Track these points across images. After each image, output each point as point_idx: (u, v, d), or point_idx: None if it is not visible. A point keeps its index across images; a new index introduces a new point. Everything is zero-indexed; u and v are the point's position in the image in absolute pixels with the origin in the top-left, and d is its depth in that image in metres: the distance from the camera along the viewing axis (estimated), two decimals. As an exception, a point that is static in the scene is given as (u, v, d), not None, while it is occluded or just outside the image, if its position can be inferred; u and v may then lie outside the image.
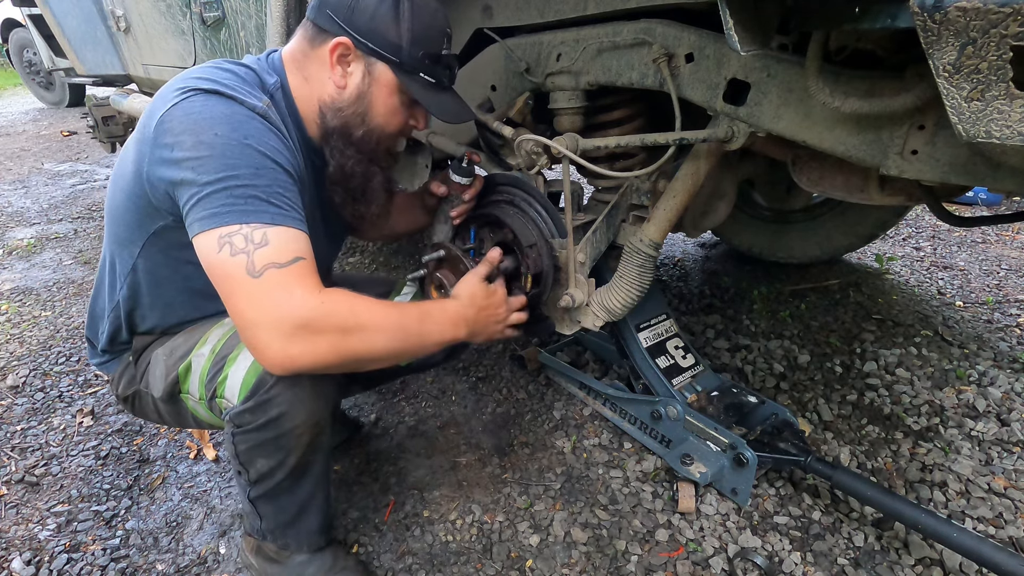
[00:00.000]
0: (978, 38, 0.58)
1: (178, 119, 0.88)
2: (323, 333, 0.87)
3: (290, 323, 0.85)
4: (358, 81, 1.01)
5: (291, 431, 0.98)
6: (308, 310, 0.86)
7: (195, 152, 0.86)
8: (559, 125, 1.33)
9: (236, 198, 0.85)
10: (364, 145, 1.05)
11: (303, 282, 0.87)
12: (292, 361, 0.87)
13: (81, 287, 2.67)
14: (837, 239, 2.26)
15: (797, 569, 1.20)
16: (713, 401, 1.44)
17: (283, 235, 0.87)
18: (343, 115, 1.03)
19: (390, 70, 1.00)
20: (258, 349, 0.87)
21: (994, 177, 0.82)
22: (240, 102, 0.91)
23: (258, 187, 0.87)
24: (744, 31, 0.79)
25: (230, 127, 0.88)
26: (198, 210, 0.86)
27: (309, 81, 1.03)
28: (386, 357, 0.97)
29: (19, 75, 7.79)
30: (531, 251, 1.26)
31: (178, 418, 1.15)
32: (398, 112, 1.06)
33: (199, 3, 1.96)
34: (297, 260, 0.88)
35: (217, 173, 0.85)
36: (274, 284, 0.85)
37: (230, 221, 0.85)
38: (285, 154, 0.93)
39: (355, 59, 1.00)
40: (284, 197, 0.90)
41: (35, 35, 5.49)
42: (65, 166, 4.87)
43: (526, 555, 1.26)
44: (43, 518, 1.42)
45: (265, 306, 0.85)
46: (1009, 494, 1.33)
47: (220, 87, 0.91)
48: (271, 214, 0.87)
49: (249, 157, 0.87)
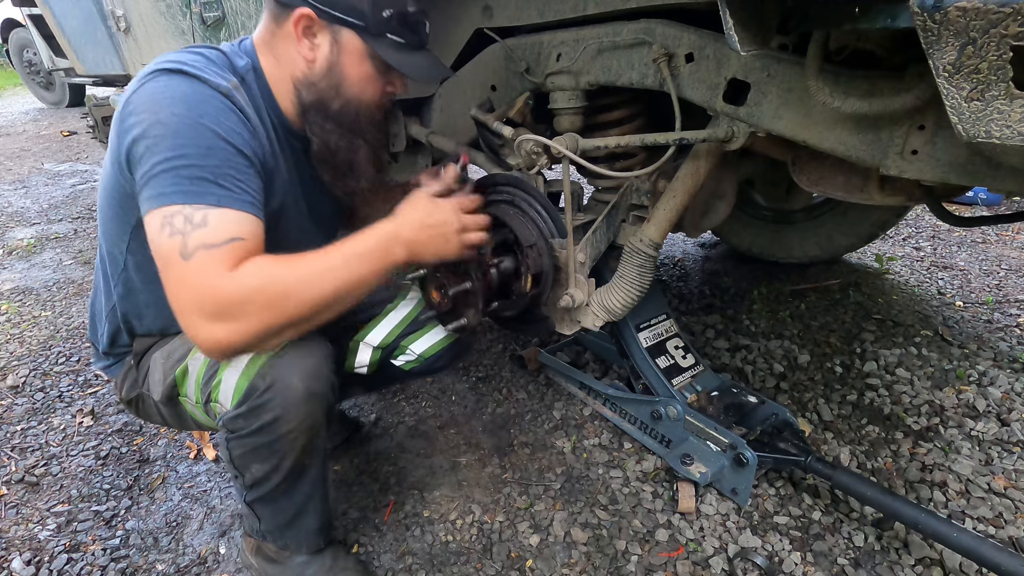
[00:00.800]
0: (978, 38, 0.58)
1: (140, 99, 0.88)
2: (246, 311, 0.85)
3: (211, 307, 0.84)
4: (327, 52, 0.99)
5: (285, 435, 0.97)
6: (226, 291, 0.84)
7: (151, 131, 0.85)
8: (559, 125, 1.33)
9: (183, 178, 0.84)
10: (343, 117, 1.03)
11: (227, 262, 0.84)
12: (222, 344, 0.86)
13: (81, 287, 2.67)
14: (837, 239, 2.26)
15: (797, 569, 1.20)
16: (713, 401, 1.44)
17: (224, 216, 0.86)
18: (317, 89, 1.01)
19: (357, 36, 0.98)
20: (191, 334, 0.86)
21: (994, 177, 0.82)
22: (203, 80, 0.90)
23: (207, 167, 0.86)
24: (744, 31, 0.79)
25: (186, 106, 0.87)
26: (147, 189, 0.85)
27: (280, 60, 1.01)
28: (325, 309, 0.92)
29: (19, 75, 7.79)
30: (531, 251, 1.26)
31: (179, 420, 1.15)
32: (373, 79, 1.03)
33: (199, 3, 1.96)
34: (232, 241, 0.85)
35: (168, 152, 0.84)
36: (200, 266, 0.84)
37: (174, 201, 0.84)
38: (243, 135, 0.92)
39: (320, 30, 0.97)
40: (234, 179, 0.88)
41: (35, 35, 5.50)
42: (65, 166, 4.87)
43: (526, 555, 1.26)
44: (43, 518, 1.42)
45: (189, 290, 0.84)
46: (1009, 494, 1.33)
47: (184, 67, 0.90)
48: (217, 196, 0.86)
49: (202, 137, 0.86)
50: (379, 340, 1.31)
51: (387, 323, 1.32)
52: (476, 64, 1.47)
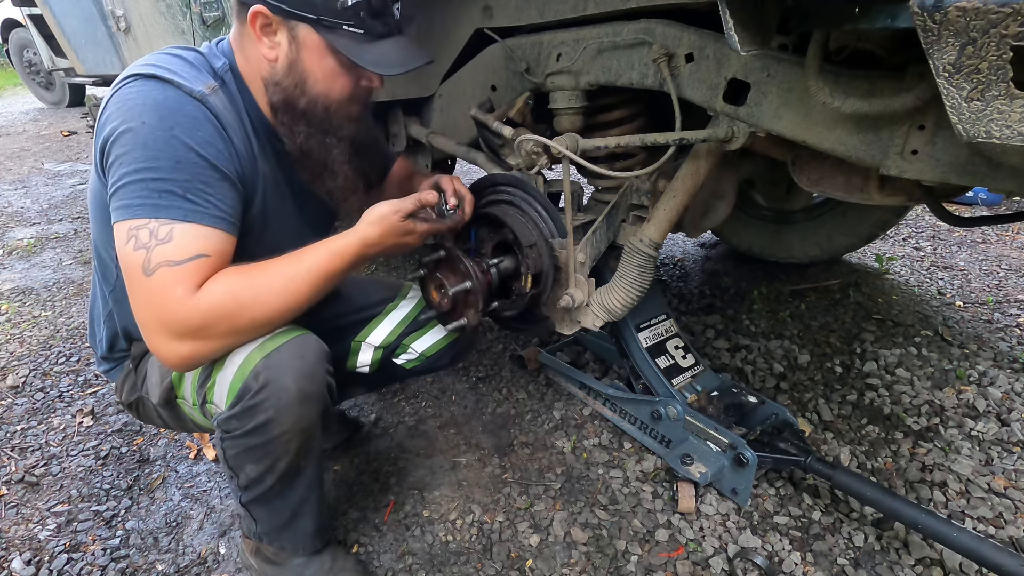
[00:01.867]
0: (978, 38, 0.58)
1: (113, 106, 0.88)
2: (210, 330, 0.86)
3: (173, 327, 0.85)
4: (286, 49, 0.95)
5: (278, 437, 0.96)
6: (187, 312, 0.84)
7: (121, 140, 0.85)
8: (559, 125, 1.33)
9: (151, 191, 0.84)
10: (312, 116, 1.00)
11: (187, 281, 0.84)
12: (186, 360, 0.87)
13: (81, 287, 2.67)
14: (837, 239, 2.26)
15: (797, 569, 1.20)
16: (713, 401, 1.44)
17: (189, 232, 0.85)
18: (282, 88, 0.97)
19: (313, 30, 0.93)
20: (153, 349, 0.87)
21: (994, 177, 0.82)
22: (177, 86, 0.88)
23: (176, 181, 0.85)
24: (744, 31, 0.79)
25: (158, 116, 0.85)
26: (115, 199, 0.86)
27: (250, 60, 0.98)
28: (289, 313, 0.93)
29: (19, 75, 7.79)
30: (531, 251, 1.26)
31: (179, 422, 1.15)
32: (338, 74, 0.98)
33: (199, 3, 1.96)
34: (197, 258, 0.85)
35: (137, 163, 0.84)
36: (161, 284, 0.83)
37: (140, 214, 0.84)
38: (217, 146, 0.90)
39: (278, 26, 0.93)
40: (204, 193, 0.87)
41: (35, 35, 5.50)
42: (65, 166, 4.87)
43: (526, 555, 1.26)
44: (43, 518, 1.42)
45: (151, 308, 0.84)
46: (1009, 494, 1.33)
47: (160, 71, 0.89)
48: (184, 210, 0.85)
49: (172, 149, 0.85)
50: (380, 340, 1.31)
51: (388, 323, 1.32)
52: (476, 64, 1.47)
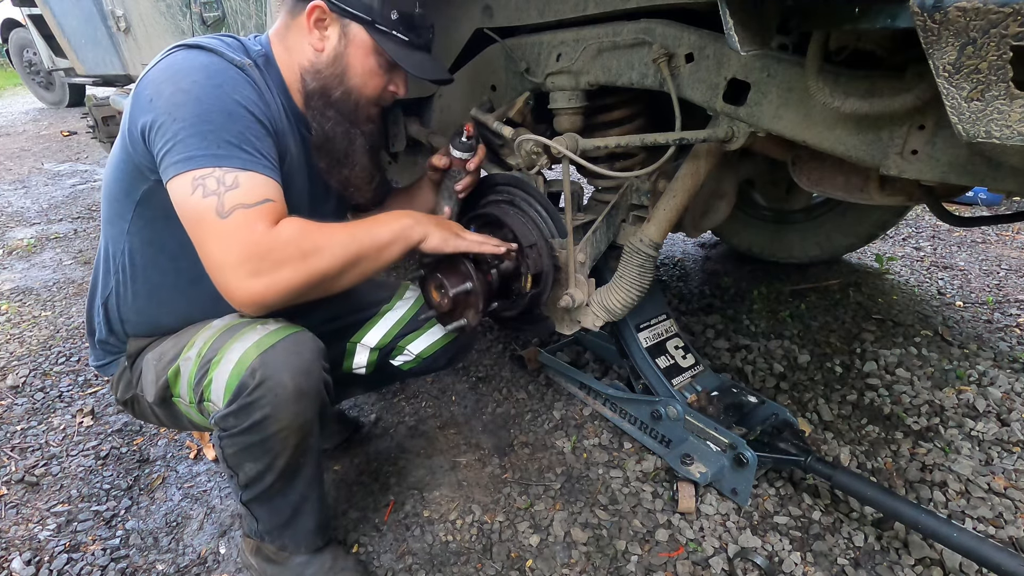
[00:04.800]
0: (978, 38, 0.58)
1: (159, 71, 0.92)
2: (285, 260, 0.90)
3: (254, 257, 0.88)
4: (335, 43, 1.04)
5: (276, 433, 0.97)
6: (267, 241, 0.88)
7: (172, 99, 0.89)
8: (559, 125, 1.33)
9: (210, 142, 0.88)
10: (343, 106, 1.08)
11: (265, 218, 0.89)
12: (262, 295, 0.90)
13: (81, 287, 2.67)
14: (837, 239, 2.26)
15: (797, 569, 1.20)
16: (713, 401, 1.44)
17: (253, 179, 0.90)
18: (321, 76, 1.06)
19: (364, 30, 1.03)
20: (229, 289, 0.90)
21: (994, 177, 0.82)
22: (220, 54, 0.95)
23: (231, 132, 0.90)
24: (744, 31, 0.79)
25: (206, 75, 0.91)
26: (173, 154, 0.88)
27: (291, 51, 1.07)
28: (347, 269, 0.96)
29: (19, 75, 7.79)
30: (531, 251, 1.26)
31: (174, 421, 1.15)
32: (376, 74, 1.08)
33: (199, 3, 1.96)
34: (264, 202, 0.90)
35: (192, 117, 0.88)
36: (240, 223, 0.87)
37: (203, 164, 0.87)
38: (259, 105, 0.96)
39: (332, 22, 1.03)
40: (256, 144, 0.93)
41: (35, 35, 5.49)
42: (65, 166, 4.87)
43: (526, 555, 1.26)
44: (43, 518, 1.42)
45: (231, 245, 0.87)
46: (1009, 494, 1.33)
47: (201, 43, 0.96)
48: (242, 159, 0.90)
49: (223, 103, 0.91)
50: (376, 341, 1.31)
51: (383, 324, 1.32)
52: (476, 64, 1.47)
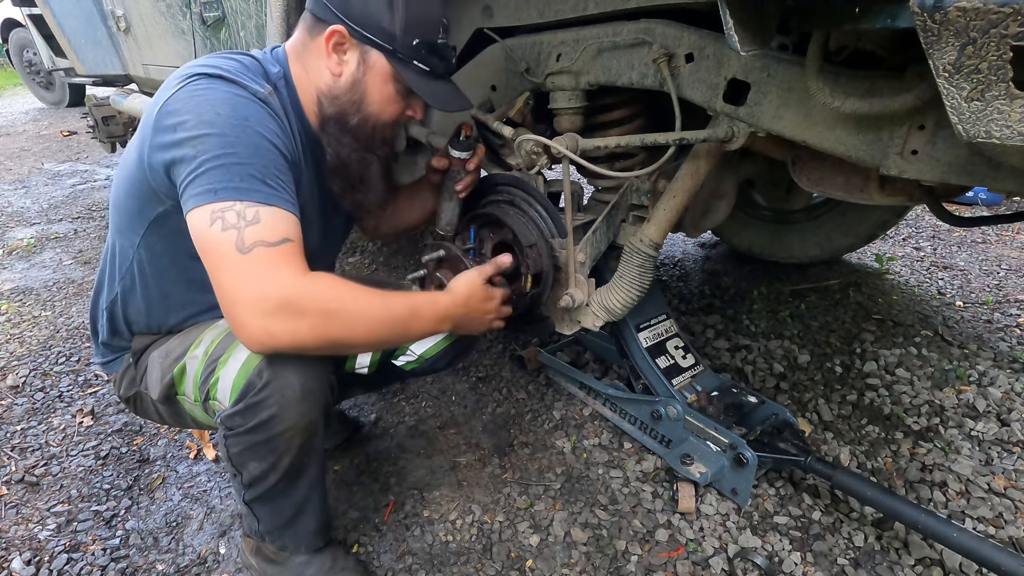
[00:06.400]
0: (978, 38, 0.58)
1: (181, 100, 0.90)
2: (306, 314, 0.88)
3: (273, 301, 0.86)
4: (353, 69, 1.02)
5: (282, 434, 0.97)
6: (292, 289, 0.87)
7: (196, 130, 0.87)
8: (559, 125, 1.33)
9: (233, 175, 0.87)
10: (359, 132, 1.06)
11: (289, 262, 0.88)
12: (272, 339, 0.88)
13: (81, 287, 2.67)
14: (837, 239, 2.26)
15: (797, 569, 1.19)
16: (713, 401, 1.44)
17: (274, 215, 0.89)
18: (339, 102, 1.04)
19: (384, 58, 1.01)
20: (240, 325, 0.88)
21: (994, 177, 0.82)
22: (242, 86, 0.93)
23: (255, 166, 0.88)
24: (744, 31, 0.79)
25: (231, 107, 0.90)
26: (194, 186, 0.87)
27: (308, 71, 1.04)
28: (367, 345, 0.98)
29: (19, 75, 7.79)
30: (531, 251, 1.26)
31: (178, 419, 1.15)
32: (394, 100, 1.06)
33: (199, 3, 1.96)
34: (285, 241, 0.89)
35: (216, 150, 0.87)
36: (261, 262, 0.86)
37: (225, 197, 0.86)
38: (282, 138, 0.95)
39: (351, 47, 1.01)
40: (279, 179, 0.92)
41: (35, 35, 5.48)
42: (65, 166, 4.87)
43: (526, 555, 1.26)
44: (43, 518, 1.42)
45: (250, 282, 0.86)
46: (1009, 494, 1.33)
47: (223, 72, 0.93)
48: (265, 194, 0.89)
49: (248, 136, 0.89)
50: None
51: None
52: (476, 64, 1.47)
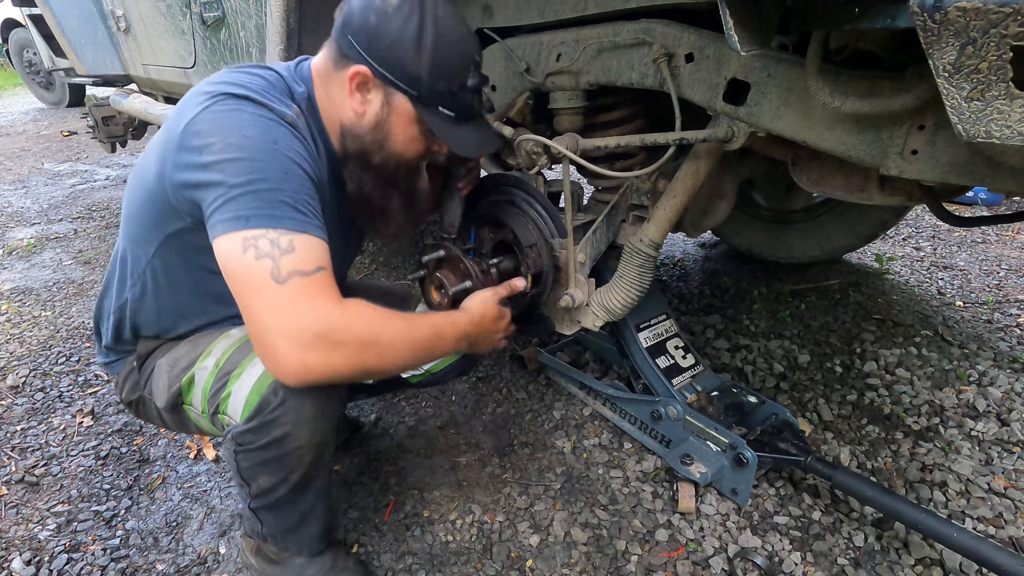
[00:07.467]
0: (978, 38, 0.58)
1: (207, 122, 0.87)
2: (342, 345, 0.86)
3: (312, 333, 0.84)
4: (376, 110, 0.99)
5: (294, 451, 0.97)
6: (330, 321, 0.85)
7: (224, 154, 0.84)
8: (559, 125, 1.33)
9: (264, 202, 0.84)
10: (382, 171, 1.05)
11: (325, 293, 0.86)
12: (308, 371, 0.86)
13: (81, 287, 2.67)
14: (837, 239, 2.26)
15: (797, 569, 1.20)
16: (713, 401, 1.44)
17: (308, 243, 0.86)
18: (362, 141, 1.02)
19: (409, 102, 0.98)
20: (274, 357, 0.85)
21: (994, 177, 0.82)
22: (270, 108, 0.90)
23: (286, 192, 0.86)
24: (744, 31, 0.79)
25: (260, 130, 0.87)
26: (223, 212, 0.84)
27: (332, 100, 1.02)
28: (394, 370, 0.98)
29: (19, 75, 7.78)
30: (531, 251, 1.26)
31: (182, 426, 1.15)
32: (417, 140, 1.03)
33: (199, 3, 1.96)
34: (320, 270, 0.87)
35: (246, 175, 0.84)
36: (299, 292, 0.84)
37: (257, 224, 0.84)
38: (310, 161, 0.93)
39: (374, 87, 0.97)
40: (309, 204, 0.89)
41: (35, 35, 5.49)
42: (65, 166, 4.87)
43: (526, 555, 1.26)
44: (43, 518, 1.42)
45: (288, 314, 0.83)
46: (1009, 494, 1.33)
47: (250, 92, 0.90)
48: (298, 221, 0.86)
49: (279, 161, 0.87)
50: None
51: None
52: (476, 64, 1.47)
